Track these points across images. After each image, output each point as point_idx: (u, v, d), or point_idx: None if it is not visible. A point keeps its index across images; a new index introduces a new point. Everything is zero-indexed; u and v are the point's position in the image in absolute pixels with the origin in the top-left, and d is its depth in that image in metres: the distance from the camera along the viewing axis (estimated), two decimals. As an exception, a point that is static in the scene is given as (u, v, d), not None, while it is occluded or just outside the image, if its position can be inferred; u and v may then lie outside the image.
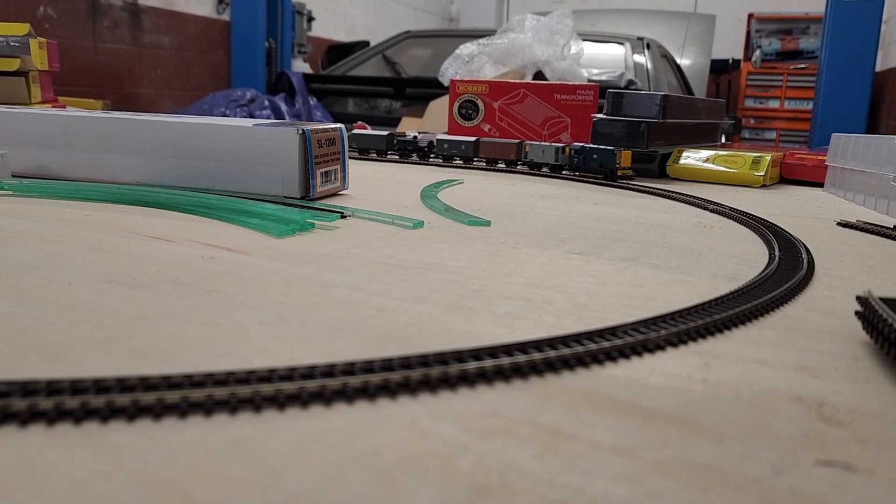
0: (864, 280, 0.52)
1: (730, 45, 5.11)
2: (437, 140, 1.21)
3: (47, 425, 0.25)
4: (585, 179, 1.07)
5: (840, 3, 2.70)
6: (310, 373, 0.29)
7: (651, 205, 0.86)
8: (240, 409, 0.27)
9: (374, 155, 1.29)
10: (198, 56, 2.67)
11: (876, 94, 2.85)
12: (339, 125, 0.79)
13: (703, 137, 1.40)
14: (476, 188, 0.95)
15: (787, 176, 1.17)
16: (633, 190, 0.98)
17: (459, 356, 0.32)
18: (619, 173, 1.04)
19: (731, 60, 4.99)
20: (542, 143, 1.10)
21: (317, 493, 0.22)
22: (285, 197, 0.72)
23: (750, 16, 5.10)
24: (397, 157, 1.28)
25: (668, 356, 0.35)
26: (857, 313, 0.39)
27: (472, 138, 1.17)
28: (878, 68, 2.77)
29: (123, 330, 0.35)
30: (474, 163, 1.23)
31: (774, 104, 5.01)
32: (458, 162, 1.22)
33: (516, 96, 1.43)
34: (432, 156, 1.22)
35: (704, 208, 0.83)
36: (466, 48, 1.79)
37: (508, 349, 0.33)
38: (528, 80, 1.72)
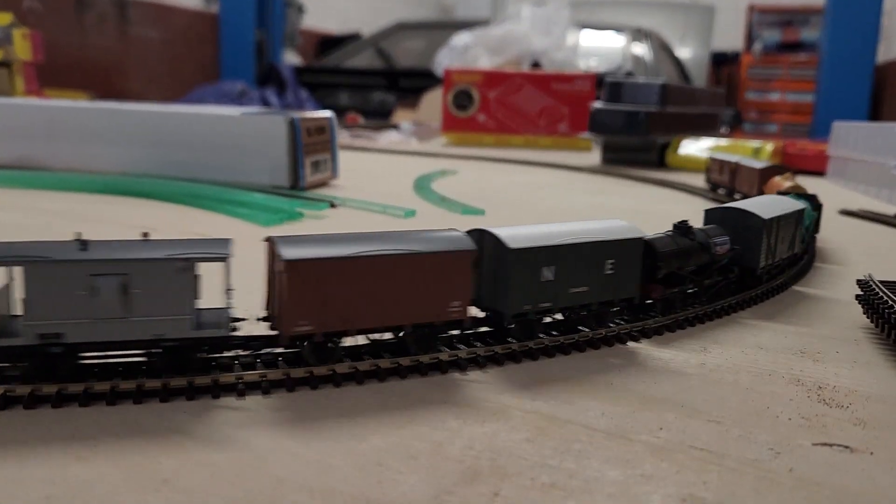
0: (865, 267, 0.51)
1: (730, 37, 5.07)
2: None
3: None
4: (582, 168, 1.06)
5: (840, -6, 2.68)
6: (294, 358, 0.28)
7: (651, 194, 0.85)
8: (222, 394, 0.26)
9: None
10: (186, 50, 2.64)
11: (878, 86, 2.83)
12: (329, 113, 0.78)
13: (702, 127, 1.39)
14: (472, 178, 0.94)
15: (788, 165, 1.16)
16: (633, 179, 0.97)
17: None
18: None
19: (731, 53, 4.96)
20: None
21: (302, 479, 0.21)
22: (274, 187, 0.71)
23: (750, 7, 5.07)
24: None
25: (665, 341, 0.34)
26: (857, 297, 0.39)
27: None
28: (880, 60, 2.75)
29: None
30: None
31: (776, 97, 4.98)
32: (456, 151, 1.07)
33: (512, 86, 1.42)
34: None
35: (705, 198, 0.82)
36: (461, 39, 1.78)
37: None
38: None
